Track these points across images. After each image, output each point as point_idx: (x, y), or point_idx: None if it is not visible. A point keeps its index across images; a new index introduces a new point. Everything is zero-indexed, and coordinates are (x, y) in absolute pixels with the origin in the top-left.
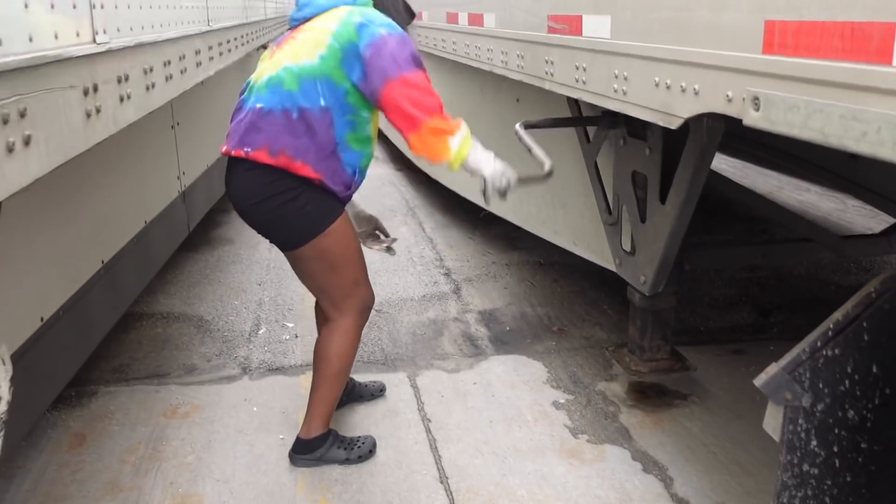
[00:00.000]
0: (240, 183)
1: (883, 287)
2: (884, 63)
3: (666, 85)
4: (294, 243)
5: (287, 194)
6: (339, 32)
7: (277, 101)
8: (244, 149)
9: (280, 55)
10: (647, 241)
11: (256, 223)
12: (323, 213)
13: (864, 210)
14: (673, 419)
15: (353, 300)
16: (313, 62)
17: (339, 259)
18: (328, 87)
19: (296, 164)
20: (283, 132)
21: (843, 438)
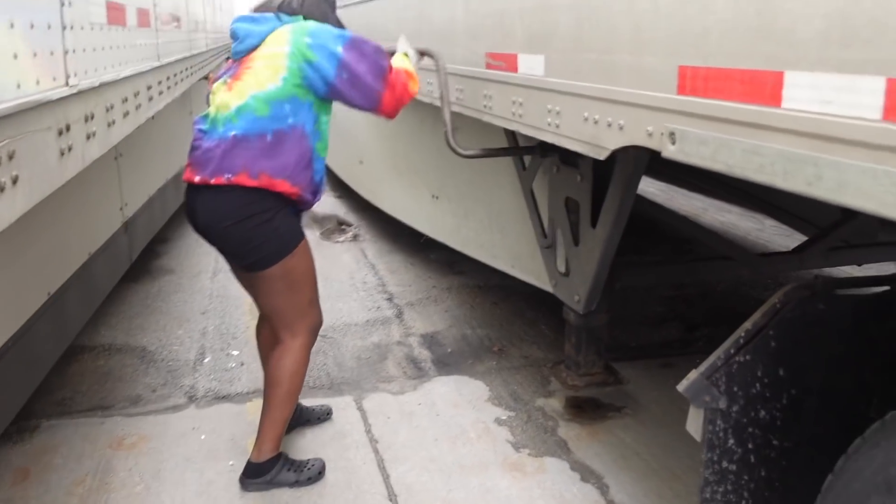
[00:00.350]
0: (213, 206)
1: (786, 298)
2: (775, 105)
3: (594, 120)
4: (265, 263)
5: (263, 216)
6: (293, 53)
7: (251, 127)
8: (225, 175)
9: (241, 86)
10: (581, 263)
11: (229, 244)
12: (292, 234)
13: (780, 229)
14: (608, 431)
15: (306, 321)
16: (278, 85)
17: (301, 278)
18: (295, 105)
19: (276, 182)
20: (260, 155)
21: (757, 436)
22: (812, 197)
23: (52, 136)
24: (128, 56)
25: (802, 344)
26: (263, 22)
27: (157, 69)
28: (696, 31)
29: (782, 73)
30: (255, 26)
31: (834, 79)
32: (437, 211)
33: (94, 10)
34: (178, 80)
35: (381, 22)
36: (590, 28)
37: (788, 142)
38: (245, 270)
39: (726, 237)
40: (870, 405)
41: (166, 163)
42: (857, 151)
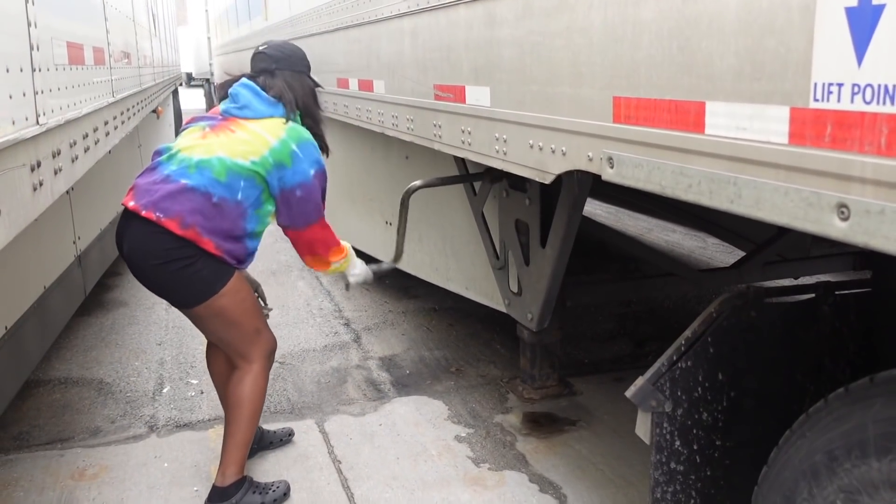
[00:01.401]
0: (143, 242)
1: (721, 308)
2: (698, 132)
3: (539, 147)
4: (190, 303)
5: (185, 260)
6: (277, 150)
7: (203, 183)
8: (156, 213)
9: (214, 141)
10: (532, 282)
11: (153, 283)
12: (216, 277)
13: (722, 246)
14: (564, 443)
15: (257, 347)
16: (245, 163)
17: (236, 315)
18: (249, 185)
19: (203, 239)
20: (198, 211)
21: (701, 437)
22: (735, 213)
23: (25, 172)
24: (87, 93)
25: (738, 349)
26: (267, 104)
27: (112, 105)
28: (628, 65)
29: (704, 103)
30: (258, 103)
31: (747, 108)
32: (391, 237)
33: (58, 51)
34: (131, 115)
35: (330, 54)
36: (532, 62)
37: (711, 164)
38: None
39: (671, 255)
40: (802, 403)
41: (117, 196)
42: (769, 171)
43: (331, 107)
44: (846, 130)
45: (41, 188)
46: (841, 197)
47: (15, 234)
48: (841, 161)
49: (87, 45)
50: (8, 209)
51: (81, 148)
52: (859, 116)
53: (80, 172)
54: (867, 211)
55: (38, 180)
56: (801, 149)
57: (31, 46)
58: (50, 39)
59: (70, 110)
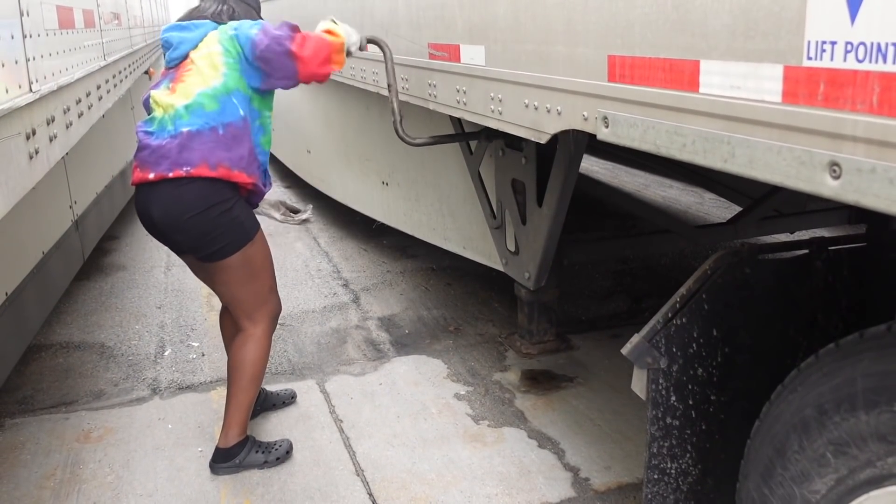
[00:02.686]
0: (172, 200)
1: (716, 265)
2: (693, 91)
3: (534, 106)
4: (227, 251)
5: (224, 205)
6: (226, 49)
7: (203, 122)
8: (184, 168)
9: (185, 87)
10: (529, 241)
11: (190, 236)
12: (251, 222)
13: (719, 202)
14: (562, 399)
15: (266, 308)
16: (221, 81)
17: (260, 266)
18: (240, 99)
19: (234, 173)
20: (217, 147)
21: (696, 393)
22: (728, 172)
23: (21, 140)
24: (79, 58)
25: (732, 306)
26: (195, 28)
27: (104, 68)
28: (623, 23)
29: (698, 62)
30: (188, 33)
31: (741, 66)
32: (388, 197)
33: (48, 15)
34: (123, 78)
35: (323, 13)
36: (526, 20)
37: (706, 123)
38: (205, 261)
39: (668, 212)
40: (795, 359)
41: (112, 159)
42: (762, 130)
43: None
44: (839, 89)
45: (37, 156)
46: (833, 155)
47: (13, 203)
48: (833, 119)
49: (76, 8)
50: (5, 178)
51: (75, 113)
52: (852, 75)
53: (74, 138)
54: (858, 169)
55: (34, 148)
56: (794, 107)
57: (20, 12)
58: (39, 3)
59: (62, 76)
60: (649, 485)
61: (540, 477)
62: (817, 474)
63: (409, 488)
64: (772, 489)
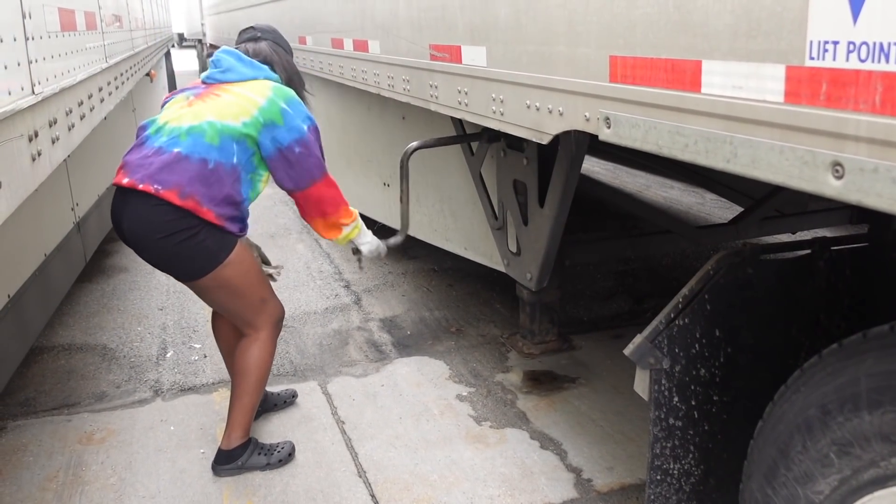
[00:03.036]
0: (143, 217)
1: (718, 265)
2: (695, 91)
3: (536, 107)
4: (195, 275)
5: (188, 231)
6: (266, 109)
7: (196, 150)
8: (154, 185)
9: (201, 108)
10: (531, 242)
11: (155, 257)
12: (220, 247)
13: (720, 202)
14: (564, 400)
15: (264, 316)
16: (236, 125)
17: (241, 285)
18: (242, 149)
19: (202, 209)
20: (196, 179)
21: (699, 393)
22: (731, 172)
23: (24, 142)
24: (81, 60)
25: (735, 306)
26: (251, 67)
27: (105, 70)
28: (624, 24)
29: (700, 62)
30: (241, 66)
31: (743, 66)
32: (390, 198)
33: (50, 18)
34: (125, 80)
35: (324, 14)
36: (528, 21)
37: (708, 123)
38: (178, 280)
39: (669, 212)
40: (798, 359)
41: (113, 161)
42: (764, 130)
43: (325, 67)
44: (841, 88)
45: (39, 158)
46: (835, 155)
47: (16, 205)
48: (836, 119)
49: (78, 10)
50: (8, 181)
51: (77, 116)
52: (854, 74)
53: (77, 140)
54: (861, 169)
55: (37, 150)
56: (796, 107)
57: (23, 15)
58: (41, 6)
59: (64, 78)
60: (652, 486)
61: (542, 478)
62: (821, 475)
63: (411, 489)
64: (775, 490)
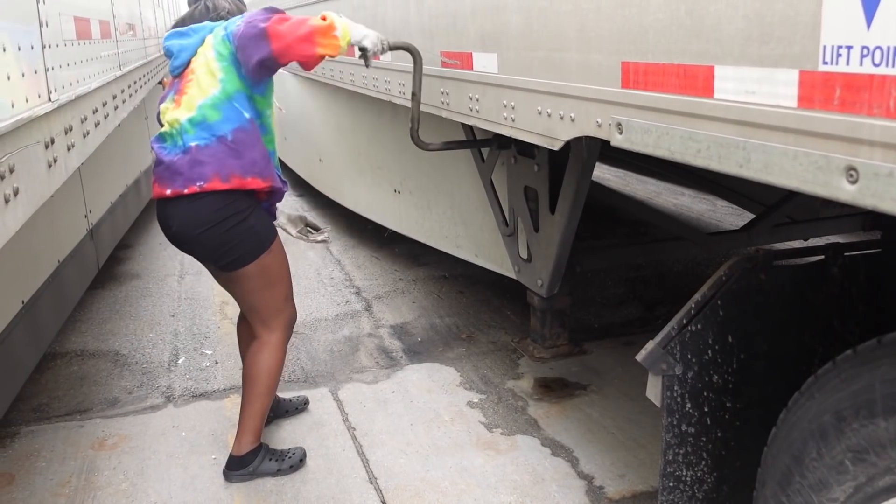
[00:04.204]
0: (188, 214)
1: (730, 271)
2: (707, 96)
3: (547, 113)
4: (243, 261)
5: (238, 216)
6: (220, 52)
7: (209, 134)
8: (197, 184)
9: (187, 99)
10: (542, 248)
11: (207, 248)
12: (267, 231)
13: (731, 209)
14: (575, 407)
15: (282, 317)
16: (219, 88)
17: (277, 275)
18: (242, 101)
19: (247, 181)
20: (227, 157)
21: (712, 399)
22: (744, 177)
23: (40, 149)
24: (95, 68)
25: (748, 312)
26: (193, 34)
27: (119, 78)
28: (636, 30)
29: (713, 67)
30: (186, 40)
31: (756, 72)
32: (400, 205)
33: (66, 26)
34: (138, 88)
35: None
36: (539, 27)
37: (720, 128)
38: (223, 271)
39: (680, 219)
40: (811, 365)
41: (126, 169)
42: (778, 135)
43: (336, 75)
44: (855, 93)
45: (55, 165)
46: (849, 160)
47: (32, 211)
48: (850, 124)
49: (93, 19)
50: (25, 187)
51: (92, 123)
52: (868, 79)
53: (91, 147)
54: (876, 174)
55: (53, 157)
56: (810, 112)
57: (40, 23)
58: (58, 15)
59: (80, 85)
60: (664, 493)
61: (554, 485)
62: (836, 482)
63: (422, 496)
64: (789, 497)
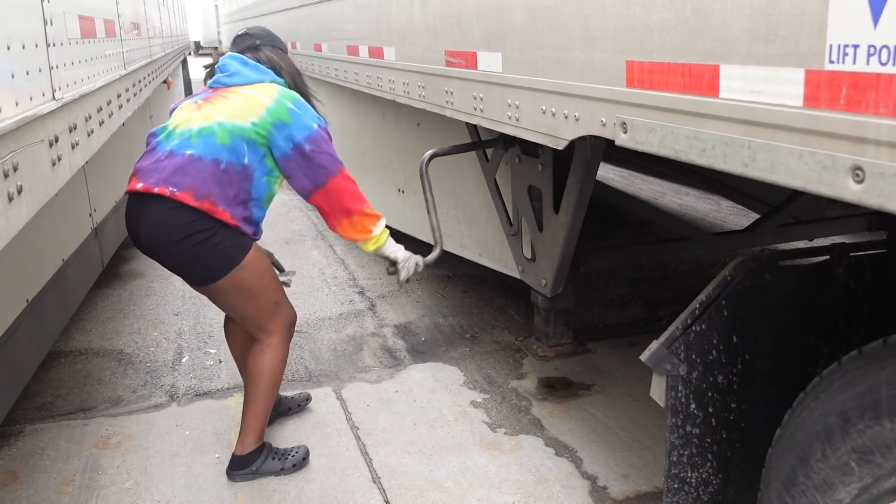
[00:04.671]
0: (160, 220)
1: (735, 271)
2: (713, 96)
3: (552, 112)
4: (212, 277)
5: (205, 233)
6: (273, 109)
7: (209, 150)
8: (169, 188)
9: (210, 110)
10: (546, 248)
11: (173, 260)
12: (236, 249)
13: (736, 209)
14: (579, 407)
15: (277, 320)
16: (245, 125)
17: (256, 288)
18: (252, 149)
19: (217, 209)
20: (210, 180)
21: (716, 400)
22: (749, 177)
23: (44, 147)
24: (100, 66)
25: (753, 312)
26: (257, 70)
27: (124, 77)
28: (641, 29)
29: (718, 67)
30: (247, 70)
31: (761, 71)
32: (404, 205)
33: (70, 25)
34: (143, 87)
35: (338, 22)
36: (543, 26)
37: (726, 128)
38: (193, 285)
39: (685, 219)
40: (817, 366)
41: (130, 168)
42: (783, 135)
43: (341, 74)
44: (861, 92)
45: (59, 163)
46: (855, 159)
47: (36, 210)
48: (856, 123)
49: (97, 18)
50: (29, 185)
51: (96, 121)
52: (875, 78)
53: (95, 146)
54: (882, 173)
55: (57, 155)
56: (815, 111)
57: (44, 21)
58: (62, 13)
59: (84, 84)
60: (669, 494)
61: (557, 485)
62: (841, 483)
63: (425, 496)
64: (794, 498)
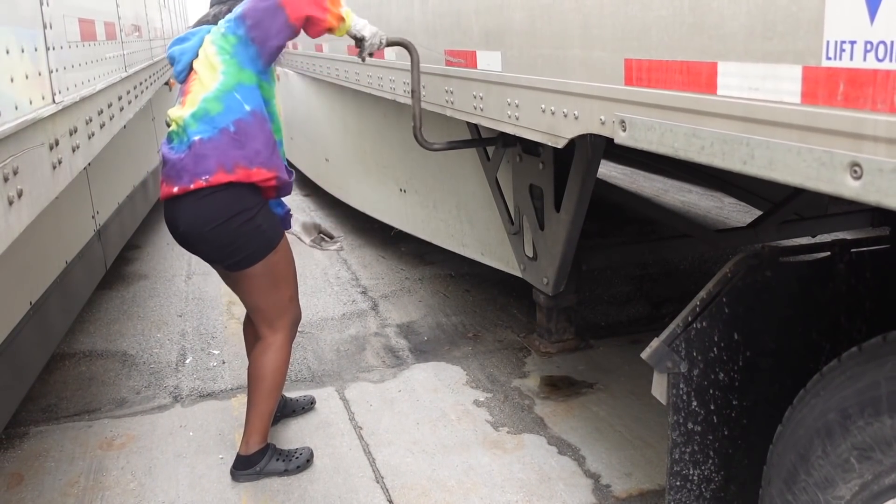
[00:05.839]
0: (196, 211)
1: (736, 268)
2: (711, 93)
3: (551, 111)
4: (250, 261)
5: (246, 214)
6: (220, 47)
7: (211, 126)
8: (202, 178)
9: (191, 97)
10: (547, 247)
11: (214, 247)
12: (274, 231)
13: (739, 206)
14: (582, 406)
15: (286, 317)
16: (220, 81)
17: (283, 274)
18: (244, 92)
19: (252, 171)
20: (230, 148)
21: (718, 398)
22: (748, 174)
23: (45, 151)
24: (100, 69)
25: (754, 309)
26: (192, 37)
27: (125, 79)
28: (639, 27)
29: (716, 64)
30: (186, 44)
31: (759, 68)
32: (406, 204)
33: (70, 28)
34: (144, 89)
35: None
36: (542, 25)
37: (724, 125)
38: (230, 270)
39: (687, 216)
40: (818, 363)
41: (133, 170)
42: (781, 132)
43: (342, 74)
44: (859, 88)
45: (60, 166)
46: (853, 156)
47: (37, 213)
48: (853, 120)
49: (98, 21)
50: (30, 188)
51: (97, 124)
52: (872, 74)
53: (97, 149)
54: (880, 169)
55: (57, 158)
56: (813, 108)
57: (44, 25)
58: (62, 17)
59: (84, 87)
60: (671, 492)
61: (560, 483)
62: (841, 479)
63: (429, 495)
64: (795, 495)
